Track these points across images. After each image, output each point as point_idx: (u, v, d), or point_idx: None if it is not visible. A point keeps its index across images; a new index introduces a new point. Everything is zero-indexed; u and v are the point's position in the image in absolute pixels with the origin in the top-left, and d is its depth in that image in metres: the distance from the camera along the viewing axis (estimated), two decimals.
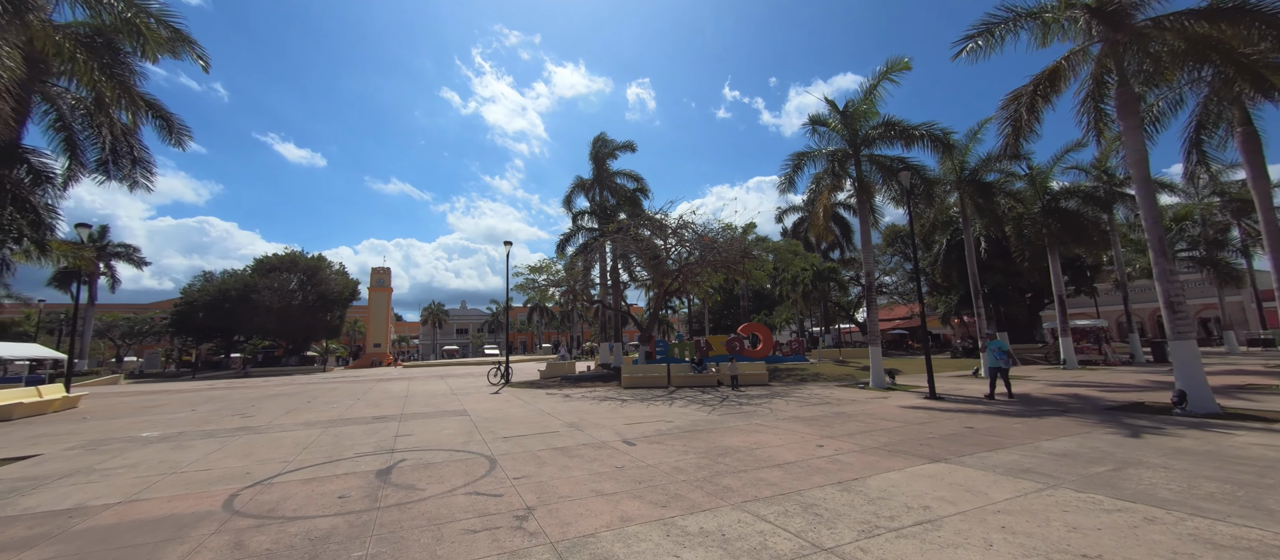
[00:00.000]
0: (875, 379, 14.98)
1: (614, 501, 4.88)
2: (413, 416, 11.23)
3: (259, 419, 11.55)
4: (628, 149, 30.29)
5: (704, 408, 11.48)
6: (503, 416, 10.90)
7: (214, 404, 15.56)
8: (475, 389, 18.28)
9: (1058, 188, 21.42)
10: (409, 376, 29.20)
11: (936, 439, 7.33)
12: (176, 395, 19.93)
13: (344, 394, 17.81)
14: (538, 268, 23.77)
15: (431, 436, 8.72)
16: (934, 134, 14.53)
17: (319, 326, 52.35)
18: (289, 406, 14.12)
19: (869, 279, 15.58)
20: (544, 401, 13.61)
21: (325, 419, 11.22)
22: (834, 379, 18.32)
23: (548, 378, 22.06)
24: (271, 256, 52.05)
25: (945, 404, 11.09)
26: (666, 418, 10.12)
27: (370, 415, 11.62)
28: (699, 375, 16.88)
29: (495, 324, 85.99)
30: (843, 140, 16.25)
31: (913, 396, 12.58)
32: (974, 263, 18.35)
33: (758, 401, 12.39)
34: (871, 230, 16.11)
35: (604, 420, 10.01)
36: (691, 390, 15.57)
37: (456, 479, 5.90)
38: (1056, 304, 20.63)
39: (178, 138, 17.42)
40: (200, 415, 12.62)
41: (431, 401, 14.34)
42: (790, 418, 9.71)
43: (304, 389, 21.03)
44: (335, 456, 7.32)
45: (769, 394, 14.03)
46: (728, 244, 18.44)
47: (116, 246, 42.22)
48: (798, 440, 7.54)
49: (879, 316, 49.21)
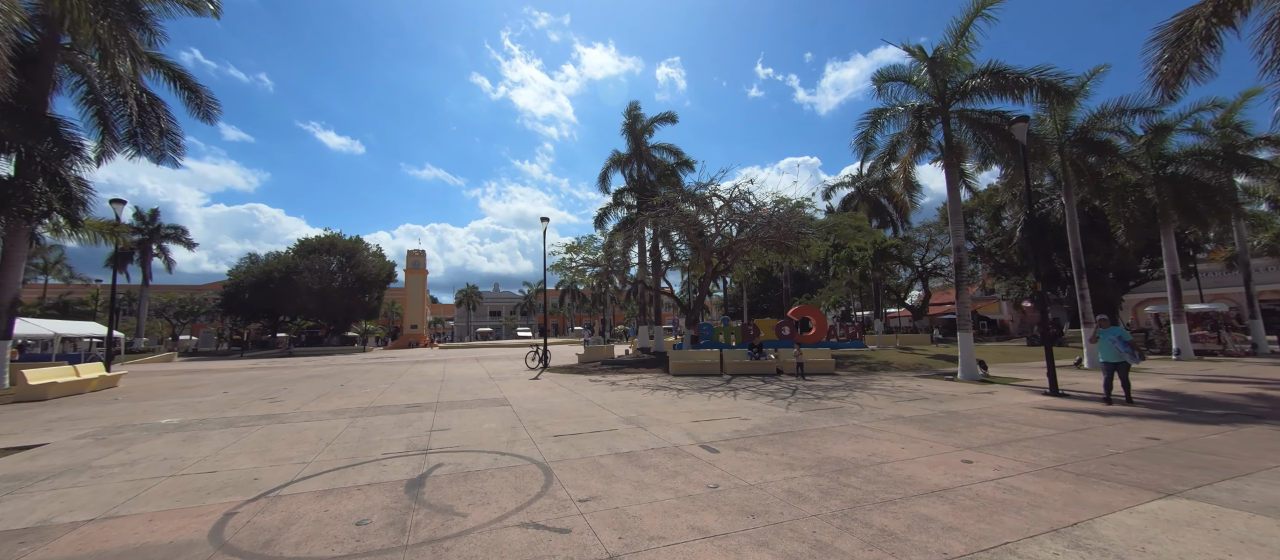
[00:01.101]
0: (966, 370, 13.03)
1: (732, 552, 3.41)
2: (449, 406, 10.10)
3: (287, 404, 10.67)
4: (667, 120, 28.41)
5: (776, 401, 9.90)
6: (548, 408, 9.62)
7: (248, 386, 15.00)
8: (513, 373, 17.23)
9: (1172, 151, 18.44)
10: (445, 358, 28.69)
11: (1125, 456, 5.55)
12: (217, 375, 19.75)
13: (378, 377, 17.07)
14: (575, 246, 22.49)
15: (470, 432, 7.49)
16: (1047, 82, 12.16)
17: (358, 307, 53.11)
18: (321, 390, 13.33)
19: (959, 255, 13.51)
20: (589, 389, 12.31)
21: (356, 406, 10.22)
22: (907, 368, 16.37)
23: (587, 362, 20.88)
24: (312, 239, 52.86)
25: (1075, 403, 9.14)
26: (737, 413, 8.61)
27: (403, 403, 10.56)
28: (757, 362, 15.26)
29: (527, 306, 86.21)
30: (927, 95, 14.06)
31: (1024, 392, 10.62)
32: (1077, 236, 15.88)
33: (835, 394, 10.71)
34: (957, 199, 13.90)
35: (665, 415, 8.59)
36: (750, 379, 14.00)
37: (505, 498, 4.56)
38: (1169, 285, 17.89)
39: (206, 111, 16.75)
40: (230, 399, 11.91)
41: (468, 387, 13.28)
42: (891, 417, 8.03)
43: (340, 371, 20.54)
44: (360, 457, 6.14)
45: (843, 385, 12.31)
46: (785, 218, 16.54)
47: (168, 229, 43.43)
48: (927, 451, 5.90)
49: (933, 300, 45.89)
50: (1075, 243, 15.84)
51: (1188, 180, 16.78)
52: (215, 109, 16.87)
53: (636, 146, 28.18)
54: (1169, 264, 17.98)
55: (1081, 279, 15.76)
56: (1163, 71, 9.09)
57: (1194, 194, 16.66)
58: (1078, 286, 15.80)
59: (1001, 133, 12.92)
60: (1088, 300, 15.66)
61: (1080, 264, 15.71)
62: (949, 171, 13.77)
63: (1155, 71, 9.23)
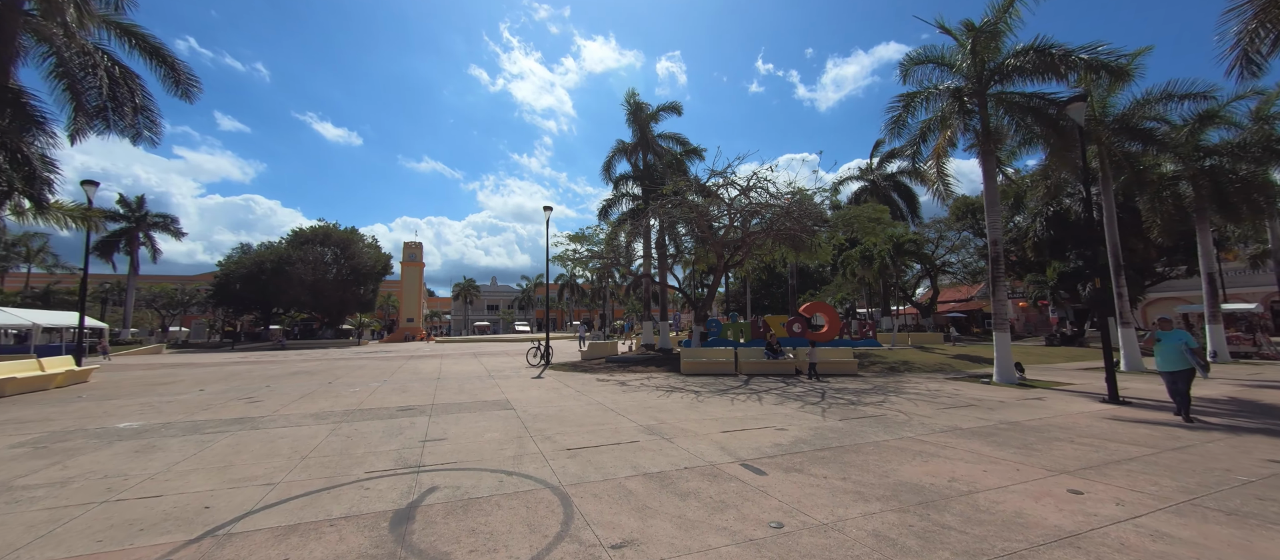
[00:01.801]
0: (1003, 373, 12.11)
1: None
2: (445, 409, 9.11)
3: (265, 406, 9.66)
4: (672, 110, 27.38)
5: (807, 407, 8.96)
6: (557, 413, 8.64)
7: (228, 382, 13.96)
8: (514, 370, 16.24)
9: (1208, 144, 17.48)
10: (441, 353, 27.68)
11: (1262, 485, 4.61)
12: (200, 369, 18.69)
13: (370, 374, 16.06)
14: (578, 237, 21.46)
15: (470, 444, 6.50)
16: (1098, 60, 11.15)
17: (352, 300, 51.95)
18: (306, 389, 12.31)
19: (996, 249, 12.56)
20: (599, 391, 11.34)
21: (342, 409, 9.21)
22: (931, 369, 15.47)
23: (591, 359, 19.92)
24: (305, 229, 51.62)
25: (1145, 413, 8.21)
26: (769, 421, 7.66)
27: (395, 405, 9.56)
28: (775, 362, 14.32)
29: (525, 300, 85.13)
30: (960, 76, 13.07)
31: (1077, 398, 9.69)
32: (1114, 231, 14.95)
33: (869, 399, 9.77)
34: (994, 187, 12.91)
35: (689, 423, 7.62)
36: (769, 380, 13.06)
37: (517, 541, 3.59)
38: (1205, 284, 17.02)
39: (185, 89, 15.59)
40: (204, 398, 10.88)
41: (466, 386, 12.29)
42: (947, 429, 7.09)
43: (330, 366, 19.51)
44: (339, 476, 5.15)
45: (872, 388, 11.37)
46: (804, 207, 15.54)
47: (155, 217, 42.19)
48: (1016, 476, 4.95)
49: (940, 297, 44.98)
50: (1113, 238, 14.91)
51: (1228, 174, 15.86)
52: (195, 87, 15.71)
53: (642, 135, 27.12)
54: (1205, 262, 17.10)
55: (1119, 276, 14.85)
56: (1246, 44, 8.11)
57: (1234, 189, 15.76)
58: (1115, 284, 14.89)
59: (1044, 116, 11.95)
60: (1125, 299, 14.76)
61: (1119, 260, 14.78)
62: (985, 159, 12.80)
63: (1237, 45, 8.25)
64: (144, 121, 14.39)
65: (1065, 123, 11.74)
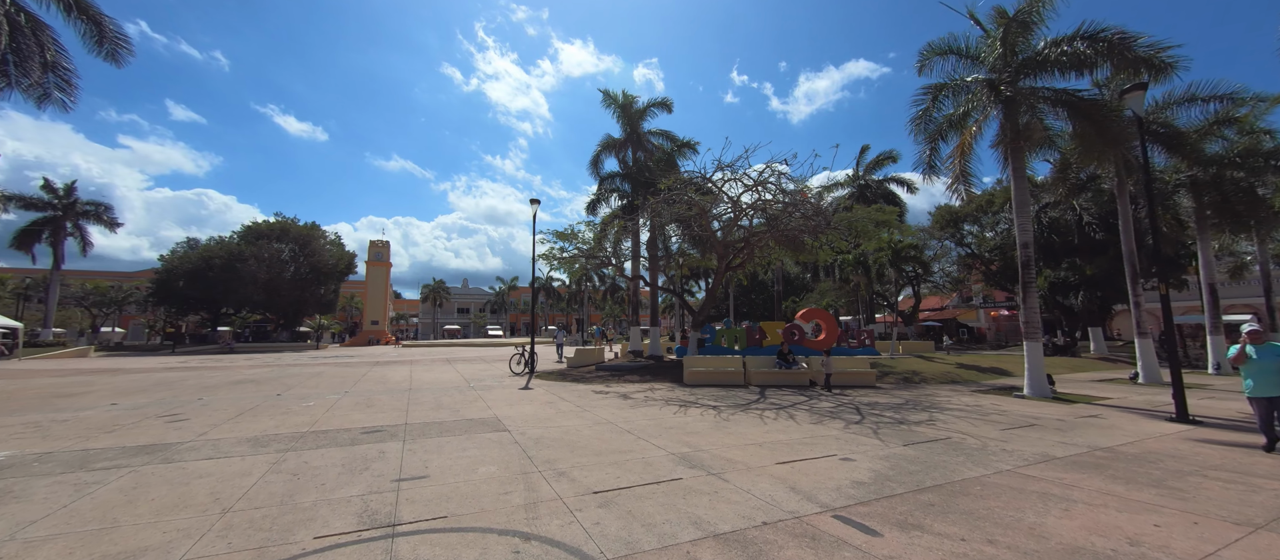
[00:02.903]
0: (1036, 386, 11.24)
1: None
2: (423, 431, 7.44)
3: (191, 426, 7.75)
4: (663, 107, 26.17)
5: (851, 427, 7.73)
6: (562, 435, 7.11)
7: (153, 393, 11.77)
8: (495, 379, 14.51)
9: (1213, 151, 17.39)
10: (410, 359, 25.48)
11: None
12: (124, 377, 16.16)
13: (329, 383, 14.04)
14: (565, 234, 19.88)
15: (460, 483, 4.94)
16: (1150, 56, 10.43)
17: (311, 300, 48.55)
18: (248, 401, 10.33)
19: (1027, 253, 11.73)
20: (601, 405, 9.83)
21: (289, 430, 7.42)
22: (944, 380, 14.61)
23: (578, 367, 18.36)
24: (261, 223, 47.99)
25: (1236, 435, 7.33)
26: (823, 446, 6.37)
27: (359, 426, 7.81)
28: (788, 372, 13.13)
29: (499, 304, 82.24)
30: (986, 68, 12.29)
31: (1137, 417, 8.81)
32: (1130, 236, 14.48)
33: (912, 417, 8.63)
34: (1024, 187, 12.12)
35: (729, 450, 6.24)
36: (784, 393, 11.84)
37: None
38: (1206, 295, 16.83)
39: (111, 49, 13.35)
40: (113, 416, 8.82)
41: (445, 399, 10.56)
42: (1041, 458, 5.95)
43: (282, 373, 17.25)
44: (274, 542, 3.52)
45: (905, 404, 10.28)
46: (815, 208, 14.48)
47: (86, 205, 38.08)
48: (1204, 534, 3.77)
49: (920, 307, 45.11)
50: (1129, 244, 14.44)
51: (1234, 183, 15.69)
52: (123, 48, 13.49)
53: (632, 131, 25.81)
54: (1206, 272, 16.93)
55: (1135, 284, 14.37)
56: None
57: (1240, 198, 15.59)
58: (1132, 292, 14.40)
59: (1081, 110, 11.21)
60: (1142, 307, 14.27)
61: (1135, 267, 14.31)
62: (1015, 156, 12.00)
63: None
64: (55, 81, 12.12)
65: (1105, 117, 11.04)
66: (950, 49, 12.94)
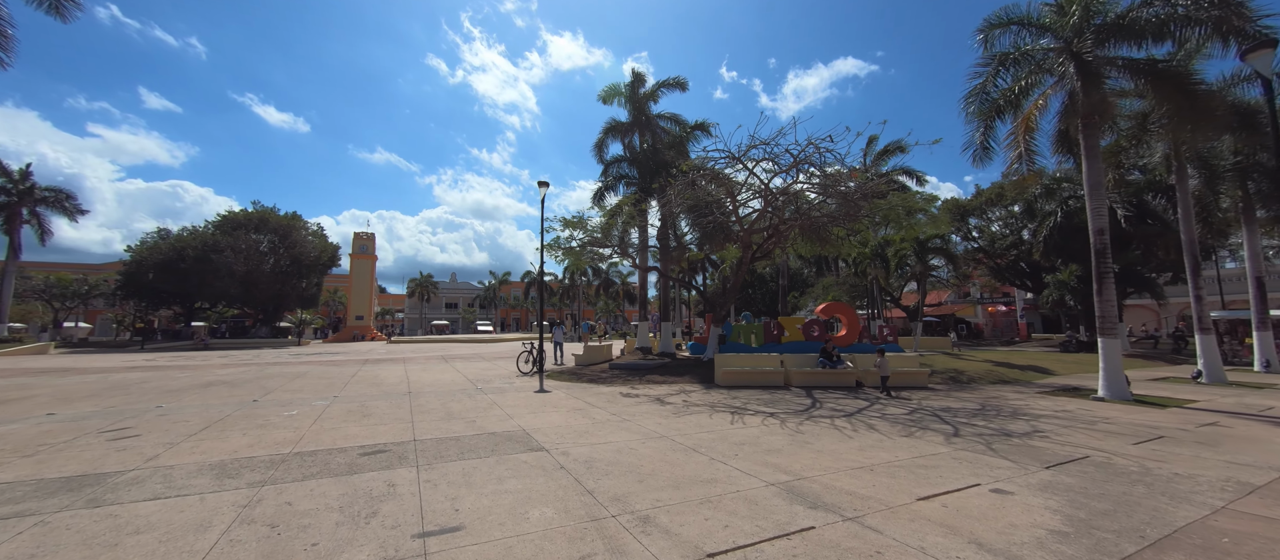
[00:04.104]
0: (1114, 388, 10.13)
1: None
2: (438, 451, 5.96)
3: (140, 446, 6.16)
4: (676, 86, 24.70)
5: (952, 442, 6.45)
6: (616, 457, 5.68)
7: (104, 400, 10.04)
8: (504, 381, 12.98)
9: None
10: (403, 357, 23.75)
11: None
12: (77, 378, 14.29)
13: (314, 385, 12.40)
14: (573, 222, 18.37)
15: (512, 543, 3.49)
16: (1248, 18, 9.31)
17: (292, 294, 46.20)
18: (217, 411, 8.70)
19: (1101, 240, 10.59)
20: (640, 413, 8.42)
21: (266, 453, 5.87)
22: (996, 381, 13.49)
23: (589, 365, 16.93)
24: (238, 213, 45.40)
25: None
26: (952, 473, 5.06)
27: (356, 445, 6.29)
28: (832, 372, 11.85)
29: (488, 299, 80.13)
30: (1053, 36, 11.11)
31: (1259, 424, 7.69)
32: (1191, 225, 13.49)
33: (1011, 427, 7.39)
34: (1098, 168, 10.94)
35: (836, 476, 4.89)
36: (836, 396, 10.55)
37: None
38: (1253, 288, 15.95)
39: (54, 1, 11.47)
40: (45, 430, 7.16)
41: (454, 406, 9.04)
42: (1239, 488, 4.71)
43: (260, 374, 15.49)
44: None
45: (982, 410, 9.06)
46: (862, 191, 13.14)
47: (45, 191, 35.33)
48: None
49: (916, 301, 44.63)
50: (1190, 233, 13.46)
51: None
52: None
53: (639, 114, 24.33)
54: (1253, 265, 16.08)
55: (1197, 276, 13.40)
56: None
57: None
58: (1193, 286, 13.43)
59: (1170, 79, 10.08)
60: (1204, 301, 13.30)
61: (1197, 259, 13.33)
62: (1088, 132, 10.85)
63: None
64: None
65: (1196, 88, 9.92)
66: (1012, 20, 11.73)
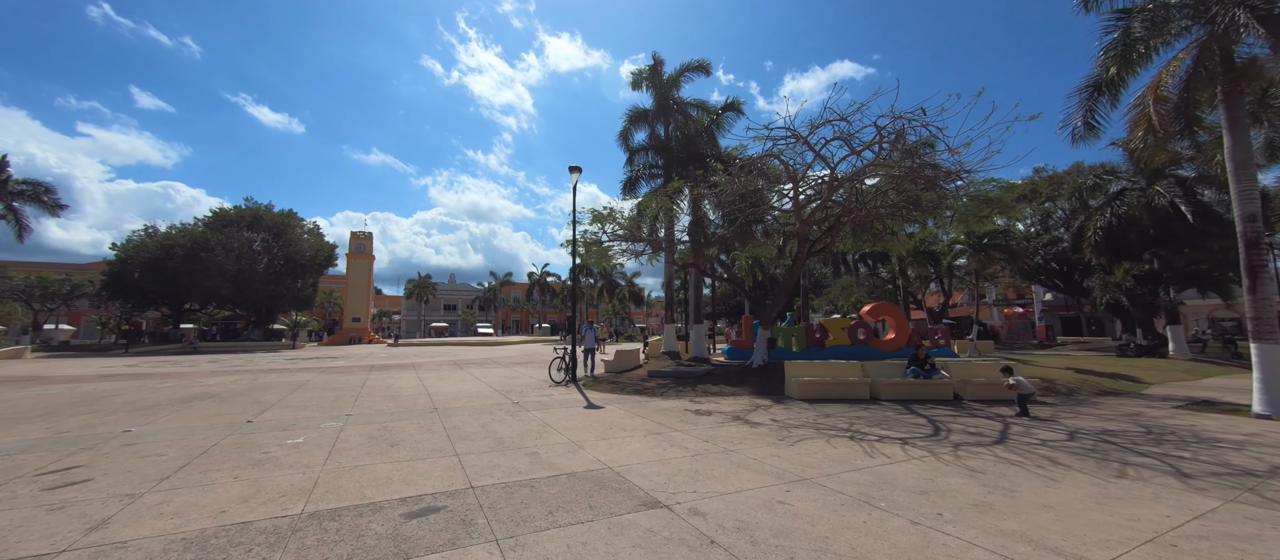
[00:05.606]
0: (1270, 401, 8.55)
1: None
2: (514, 508, 4.22)
3: (86, 502, 4.39)
4: (700, 70, 23.06)
5: (1191, 484, 4.81)
6: (776, 521, 3.95)
7: (59, 420, 8.22)
8: (538, 392, 11.20)
9: None
10: (411, 362, 21.92)
11: None
12: (38, 389, 12.41)
13: (318, 397, 10.60)
14: (603, 215, 16.66)
15: None
16: None
17: (286, 295, 44.12)
18: (201, 438, 6.92)
19: (1254, 228, 9.03)
20: (741, 440, 6.72)
21: (268, 512, 4.11)
22: (1096, 391, 11.89)
23: (622, 372, 15.24)
24: (230, 210, 43.29)
25: None
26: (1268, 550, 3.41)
27: (393, 498, 4.54)
28: (928, 384, 10.18)
29: (488, 301, 78.10)
30: None
31: None
32: None
33: (1200, 453, 5.76)
34: (1245, 142, 9.38)
35: (1090, 549, 3.23)
36: (939, 410, 8.89)
37: None
38: None
39: None
40: None
41: (498, 428, 7.29)
42: None
43: (254, 383, 13.65)
44: None
45: (1154, 436, 7.44)
46: (939, 171, 11.49)
47: (21, 184, 33.12)
48: None
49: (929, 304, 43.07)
50: None
51: None
52: None
53: (663, 100, 22.70)
54: None
55: None
56: None
57: None
58: None
59: None
60: None
61: None
62: (1229, 101, 9.29)
63: None
64: None
65: None
66: None
